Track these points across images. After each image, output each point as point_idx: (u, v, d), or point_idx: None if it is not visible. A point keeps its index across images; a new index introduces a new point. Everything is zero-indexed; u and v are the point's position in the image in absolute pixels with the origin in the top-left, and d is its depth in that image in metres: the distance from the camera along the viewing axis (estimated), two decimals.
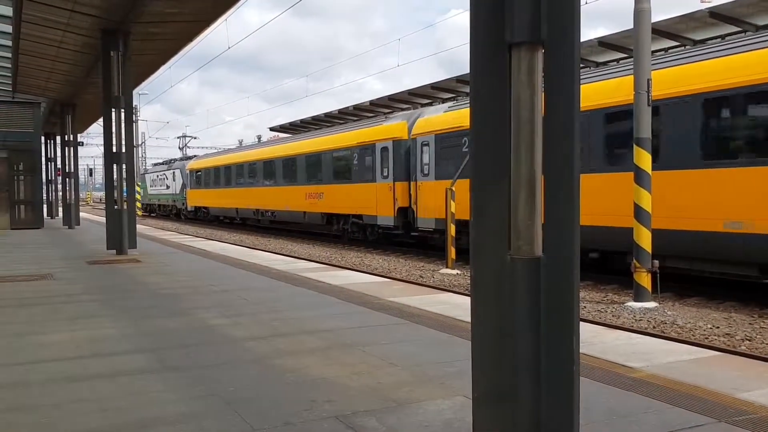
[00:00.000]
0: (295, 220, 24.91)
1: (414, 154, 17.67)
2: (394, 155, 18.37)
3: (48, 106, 24.59)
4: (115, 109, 13.56)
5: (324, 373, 4.51)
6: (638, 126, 9.43)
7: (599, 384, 4.21)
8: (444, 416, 3.64)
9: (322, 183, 22.45)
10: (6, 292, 8.63)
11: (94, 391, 4.20)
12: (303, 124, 28.53)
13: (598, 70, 13.21)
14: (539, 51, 2.39)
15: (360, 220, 20.35)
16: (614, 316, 9.12)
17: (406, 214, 18.22)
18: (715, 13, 11.66)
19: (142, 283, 9.42)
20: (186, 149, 65.86)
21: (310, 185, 23.35)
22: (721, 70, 10.11)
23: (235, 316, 6.69)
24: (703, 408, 3.70)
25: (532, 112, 2.41)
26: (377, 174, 19.13)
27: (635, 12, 9.45)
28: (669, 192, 10.46)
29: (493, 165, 2.49)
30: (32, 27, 12.88)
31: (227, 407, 3.82)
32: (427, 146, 17.05)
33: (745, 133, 10.06)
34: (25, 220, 22.76)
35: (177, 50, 15.65)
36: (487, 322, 2.54)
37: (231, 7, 12.41)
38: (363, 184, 19.87)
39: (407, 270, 14.75)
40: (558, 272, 2.40)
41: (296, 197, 24.22)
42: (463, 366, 4.42)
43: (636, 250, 9.45)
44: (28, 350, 5.36)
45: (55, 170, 29.38)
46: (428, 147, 17.00)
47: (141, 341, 5.65)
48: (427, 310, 7.03)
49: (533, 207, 2.43)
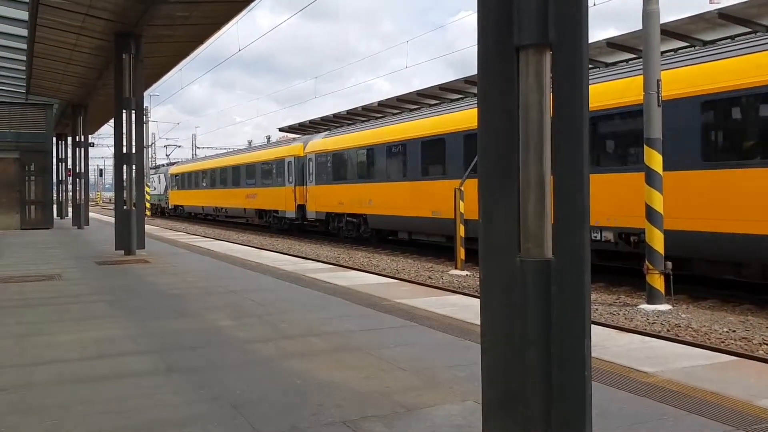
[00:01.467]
0: (239, 214, 33.02)
1: (306, 166, 24.62)
2: (295, 167, 25.30)
3: (60, 108, 24.76)
4: (126, 111, 13.62)
5: (331, 377, 4.46)
6: (648, 126, 9.34)
7: (612, 389, 4.14)
8: (453, 421, 3.58)
9: (256, 186, 29.77)
10: (14, 292, 8.65)
11: (100, 393, 4.17)
12: (312, 125, 28.60)
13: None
14: (547, 53, 2.38)
15: (277, 213, 27.30)
16: (627, 318, 9.02)
17: (303, 209, 24.97)
18: (725, 14, 11.55)
19: (149, 284, 9.42)
20: (196, 150, 66.50)
21: (248, 188, 30.74)
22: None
23: (242, 318, 6.67)
24: (720, 415, 3.62)
25: (540, 114, 2.39)
26: (286, 180, 26.11)
27: (644, 13, 9.38)
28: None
29: (501, 167, 2.47)
30: (47, 31, 12.96)
31: (233, 410, 3.79)
32: (312, 161, 24.08)
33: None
34: (35, 220, 22.89)
35: (188, 53, 15.73)
36: (496, 325, 2.50)
37: (241, 11, 12.44)
38: (278, 187, 26.95)
39: (416, 271, 14.70)
40: (568, 274, 2.36)
41: (239, 197, 31.67)
42: (472, 370, 4.36)
43: (648, 252, 9.36)
44: (35, 351, 5.35)
45: (66, 171, 29.56)
46: (312, 162, 24.07)
47: (148, 342, 5.63)
48: (436, 312, 6.97)
49: (542, 209, 2.40)
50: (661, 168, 9.31)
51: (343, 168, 21.97)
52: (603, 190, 11.22)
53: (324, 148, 23.33)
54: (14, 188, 22.61)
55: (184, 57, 16.24)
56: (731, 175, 9.90)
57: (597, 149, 12.28)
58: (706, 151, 10.38)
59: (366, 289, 8.80)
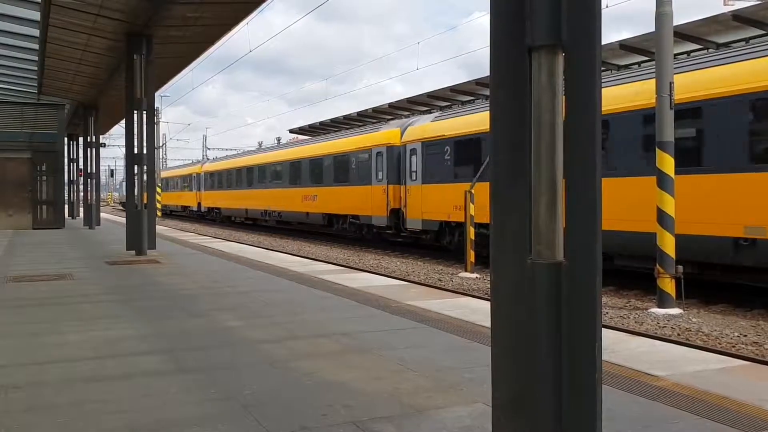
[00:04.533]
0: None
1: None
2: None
3: (71, 108, 24.93)
4: (137, 111, 13.69)
5: (341, 378, 4.47)
6: (660, 129, 9.30)
7: (622, 393, 4.12)
8: (463, 423, 3.58)
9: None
10: (26, 291, 8.71)
11: (111, 392, 4.20)
12: (322, 126, 28.63)
13: None
14: (559, 54, 2.37)
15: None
16: (637, 322, 8.98)
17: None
18: (739, 16, 11.49)
19: (160, 284, 9.46)
20: (206, 151, 66.73)
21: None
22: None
23: (253, 318, 6.68)
24: (731, 420, 3.60)
25: (552, 116, 2.38)
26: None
27: (657, 15, 9.34)
28: None
29: (513, 169, 2.46)
30: (59, 31, 13.06)
31: (243, 410, 3.80)
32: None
33: None
34: (47, 220, 23.05)
35: (199, 53, 15.80)
36: (507, 327, 2.50)
37: (252, 12, 12.49)
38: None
39: (425, 273, 14.69)
40: (580, 277, 2.35)
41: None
42: (482, 372, 4.35)
43: (659, 256, 9.31)
44: (47, 350, 5.39)
45: (77, 171, 29.75)
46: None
47: (158, 342, 5.65)
48: (446, 314, 6.97)
49: (554, 211, 2.38)
50: (673, 171, 9.26)
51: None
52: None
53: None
54: (26, 188, 22.78)
55: (195, 58, 16.32)
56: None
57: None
58: None
59: (376, 290, 8.80)
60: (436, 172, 17.37)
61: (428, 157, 17.73)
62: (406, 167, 18.72)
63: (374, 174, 20.25)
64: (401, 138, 19.21)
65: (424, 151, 17.92)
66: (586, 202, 2.33)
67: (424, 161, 17.88)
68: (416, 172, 18.20)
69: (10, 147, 22.39)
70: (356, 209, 21.21)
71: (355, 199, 21.18)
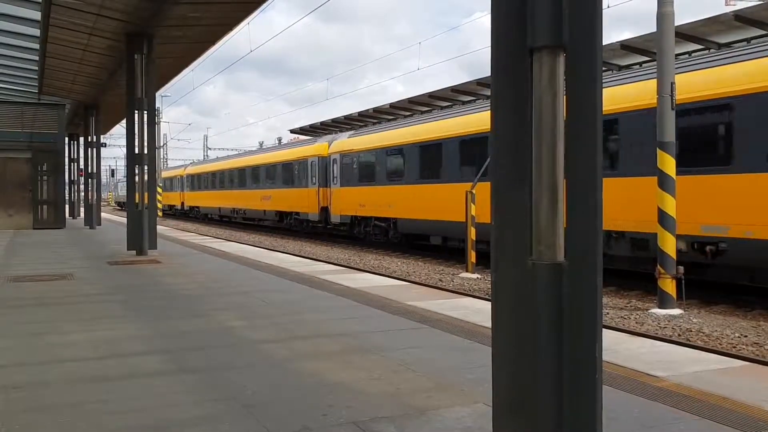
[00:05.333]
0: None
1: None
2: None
3: (72, 108, 24.91)
4: (138, 111, 13.68)
5: (342, 378, 4.47)
6: (662, 130, 9.29)
7: (623, 393, 4.13)
8: (464, 423, 3.58)
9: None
10: (26, 291, 8.72)
11: (112, 392, 4.20)
12: (323, 126, 28.65)
13: None
14: (561, 55, 2.37)
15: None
16: (638, 323, 8.98)
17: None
18: (740, 16, 11.48)
19: (161, 284, 9.47)
20: (207, 150, 66.66)
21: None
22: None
23: (254, 318, 6.69)
24: (731, 420, 3.60)
25: (553, 116, 2.38)
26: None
27: (658, 15, 9.34)
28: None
29: (514, 169, 2.46)
30: (59, 31, 13.05)
31: (244, 410, 3.80)
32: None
33: None
34: (48, 220, 23.04)
35: (200, 53, 15.79)
36: (508, 328, 2.50)
37: (253, 12, 12.48)
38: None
39: (426, 273, 14.69)
40: (581, 278, 2.35)
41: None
42: (483, 373, 4.35)
43: (660, 256, 9.31)
44: (48, 350, 5.39)
45: (78, 171, 29.76)
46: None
47: (159, 342, 5.66)
48: (447, 314, 6.97)
49: (555, 212, 2.39)
50: (674, 172, 9.26)
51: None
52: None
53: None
54: (27, 188, 22.77)
55: (196, 58, 16.31)
56: None
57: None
58: None
59: (377, 291, 8.80)
60: (349, 178, 22.08)
61: (343, 166, 22.50)
62: (330, 173, 23.47)
63: (310, 179, 25.13)
64: (328, 150, 23.98)
65: (341, 161, 22.70)
66: (587, 203, 2.34)
67: (341, 169, 22.63)
68: (336, 177, 22.95)
69: (11, 147, 22.38)
70: (298, 207, 26.10)
71: (297, 199, 26.12)
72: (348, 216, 22.06)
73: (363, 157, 21.25)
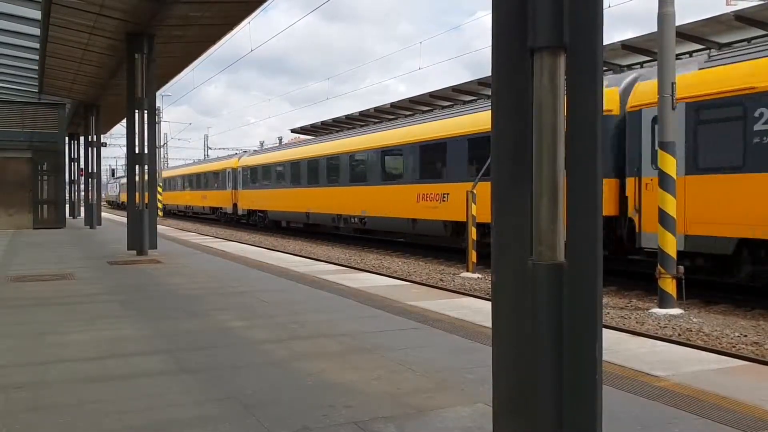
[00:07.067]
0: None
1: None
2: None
3: (72, 108, 24.92)
4: (138, 111, 13.68)
5: (342, 378, 4.47)
6: (663, 130, 9.29)
7: (623, 393, 4.13)
8: (464, 423, 3.58)
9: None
10: (27, 291, 8.72)
11: (112, 392, 4.20)
12: (323, 126, 28.65)
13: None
14: (561, 55, 2.36)
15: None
16: (638, 322, 8.98)
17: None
18: (741, 16, 11.47)
19: (161, 284, 9.47)
20: (208, 150, 66.77)
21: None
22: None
23: (254, 318, 6.69)
24: (731, 420, 3.60)
25: (554, 117, 2.38)
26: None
27: (659, 15, 9.34)
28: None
29: (515, 169, 2.46)
30: (59, 30, 13.05)
31: (245, 411, 3.80)
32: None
33: None
34: (48, 219, 23.04)
35: (200, 53, 15.79)
36: (508, 328, 2.50)
37: (254, 11, 12.47)
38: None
39: (427, 273, 14.69)
40: (581, 278, 2.35)
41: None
42: (483, 372, 4.36)
43: (660, 256, 9.31)
44: (49, 349, 5.39)
45: (78, 170, 29.77)
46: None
47: (160, 342, 5.66)
48: (448, 314, 6.97)
49: (555, 212, 2.39)
50: (675, 172, 9.26)
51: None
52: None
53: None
54: (27, 188, 22.77)
55: (196, 57, 16.30)
56: None
57: None
58: None
59: (377, 291, 8.81)
60: (246, 184, 32.85)
61: (244, 176, 33.17)
62: (238, 180, 33.75)
63: (228, 183, 35.51)
64: (238, 164, 34.26)
65: (242, 172, 33.41)
66: (587, 203, 2.34)
67: (243, 177, 33.25)
68: (240, 183, 33.55)
69: (11, 146, 22.39)
70: (221, 204, 36.93)
71: (220, 198, 36.92)
72: (245, 209, 32.91)
73: (252, 170, 32.18)
